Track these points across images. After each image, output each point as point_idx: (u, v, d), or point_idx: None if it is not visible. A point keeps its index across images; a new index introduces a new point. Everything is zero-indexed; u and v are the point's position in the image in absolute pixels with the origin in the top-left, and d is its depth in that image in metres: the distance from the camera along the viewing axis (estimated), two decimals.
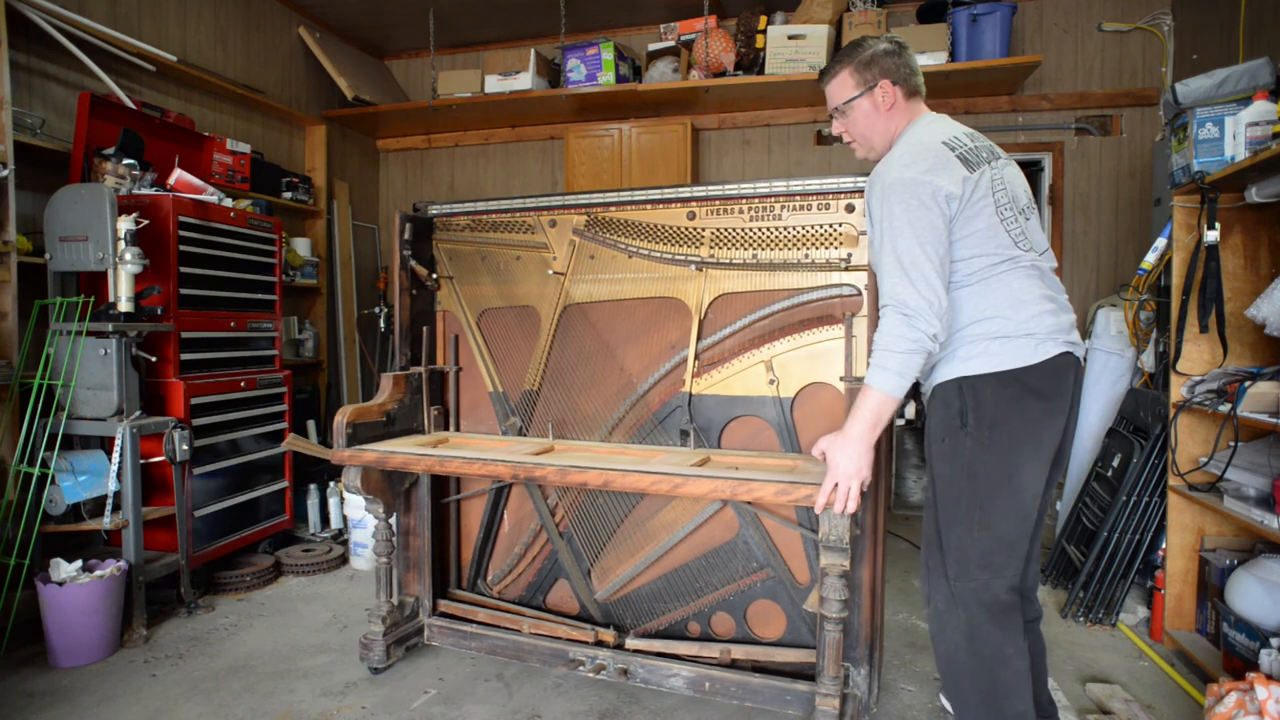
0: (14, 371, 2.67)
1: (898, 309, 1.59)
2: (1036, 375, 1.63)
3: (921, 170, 1.62)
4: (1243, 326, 2.46)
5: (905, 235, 1.59)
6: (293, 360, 4.32)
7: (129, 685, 2.31)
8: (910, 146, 1.69)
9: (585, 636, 2.33)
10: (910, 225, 1.60)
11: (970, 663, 1.65)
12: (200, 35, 3.95)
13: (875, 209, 1.68)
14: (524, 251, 2.52)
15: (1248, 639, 2.18)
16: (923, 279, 1.57)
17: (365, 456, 2.20)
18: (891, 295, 1.61)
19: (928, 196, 1.60)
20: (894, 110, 1.78)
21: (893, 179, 1.64)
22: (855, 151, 1.89)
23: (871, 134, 1.81)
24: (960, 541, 1.65)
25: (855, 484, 1.66)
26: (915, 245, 1.59)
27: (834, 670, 1.89)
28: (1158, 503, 2.73)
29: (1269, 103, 2.32)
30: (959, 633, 1.65)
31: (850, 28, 4.09)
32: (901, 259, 1.59)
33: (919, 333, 1.57)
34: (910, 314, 1.57)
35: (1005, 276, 1.65)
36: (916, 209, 1.60)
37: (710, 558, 2.32)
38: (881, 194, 1.65)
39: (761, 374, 2.24)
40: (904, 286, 1.58)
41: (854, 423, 1.64)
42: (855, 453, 1.64)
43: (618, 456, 2.17)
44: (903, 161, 1.66)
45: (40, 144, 2.94)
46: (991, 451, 1.63)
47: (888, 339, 1.59)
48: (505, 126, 5.21)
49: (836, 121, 1.86)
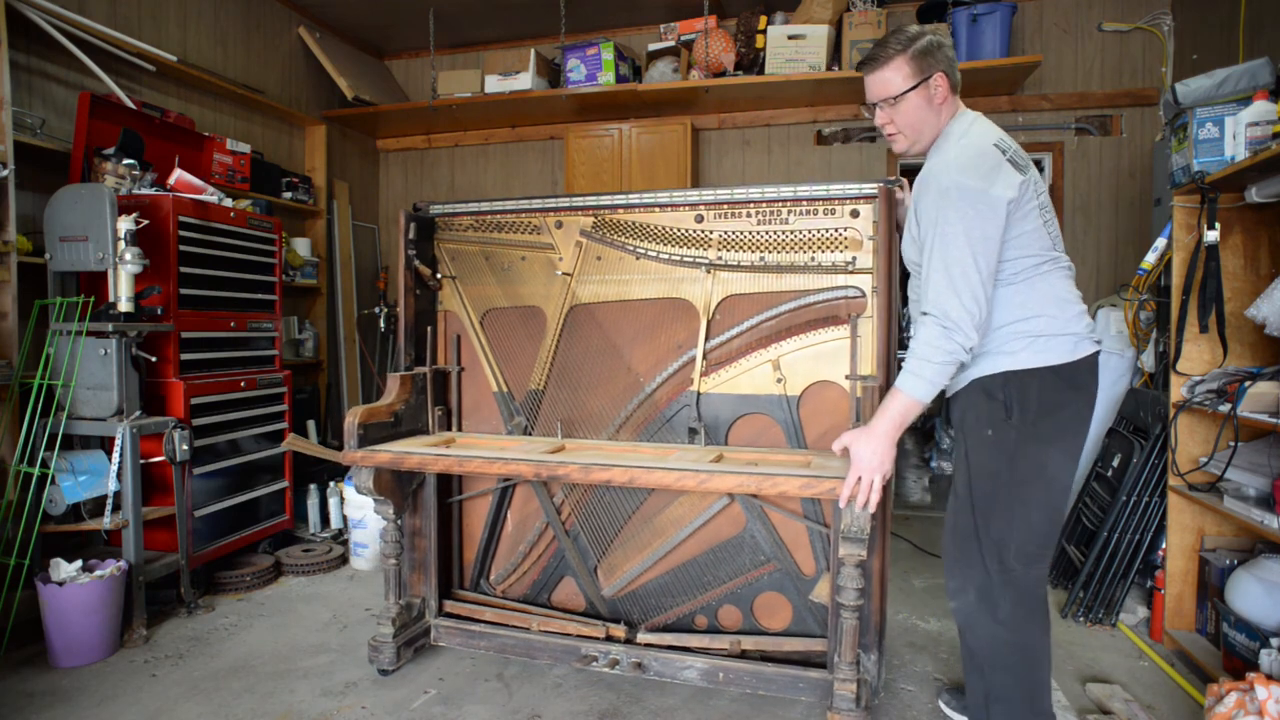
0: (14, 371, 2.67)
1: (939, 320, 1.61)
2: (1075, 372, 1.68)
3: (980, 177, 1.61)
4: (1243, 326, 2.47)
5: (958, 244, 1.59)
6: (293, 360, 4.31)
7: (129, 685, 2.31)
8: (965, 149, 1.67)
9: (596, 632, 2.34)
10: (966, 234, 1.59)
11: (1011, 655, 1.69)
12: (200, 35, 3.94)
13: (929, 211, 1.66)
14: (529, 252, 2.52)
15: (1248, 639, 2.19)
16: (969, 291, 1.59)
17: (379, 457, 2.20)
18: (935, 304, 1.61)
19: (986, 206, 1.60)
20: (945, 104, 1.75)
21: (949, 183, 1.62)
22: (894, 144, 1.83)
23: (921, 127, 1.76)
24: (1001, 533, 1.68)
25: (878, 477, 1.69)
26: (968, 255, 1.59)
27: (850, 656, 1.94)
28: (1158, 503, 2.73)
29: (1269, 103, 2.32)
30: (1001, 625, 1.69)
31: (850, 28, 4.10)
32: (950, 268, 1.60)
33: (955, 345, 1.60)
34: (950, 326, 1.59)
35: (1048, 276, 1.69)
36: (974, 219, 1.60)
37: (717, 552, 2.34)
38: (938, 198, 1.63)
39: (769, 373, 2.27)
40: (949, 296, 1.60)
41: (880, 420, 1.68)
42: (879, 448, 1.67)
43: (633, 454, 2.18)
44: (960, 166, 1.63)
45: (40, 144, 2.93)
46: (1035, 444, 1.67)
47: (926, 348, 1.62)
48: (505, 126, 5.21)
49: (881, 113, 1.79)
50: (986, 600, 1.71)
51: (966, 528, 1.75)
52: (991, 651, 1.73)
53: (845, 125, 4.67)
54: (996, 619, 1.70)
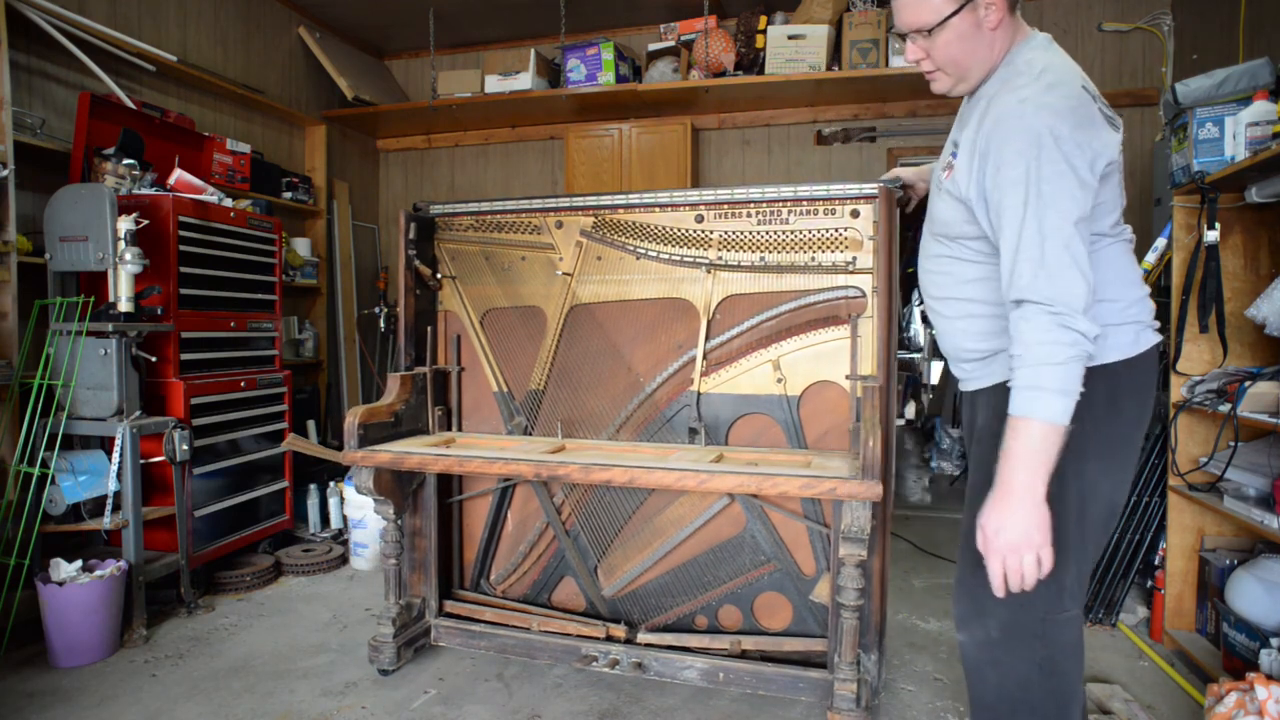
0: (14, 371, 2.67)
1: (1046, 305, 1.23)
2: (1134, 370, 1.39)
3: (1080, 125, 1.27)
4: (1243, 326, 2.47)
5: (1061, 208, 1.25)
6: (293, 360, 4.31)
7: (129, 685, 2.31)
8: (1055, 86, 1.30)
9: (596, 632, 2.35)
10: (1069, 195, 1.25)
11: (1044, 701, 1.42)
12: (200, 35, 3.94)
13: (1014, 160, 1.28)
14: (529, 252, 2.52)
15: (1248, 639, 2.19)
16: (1075, 267, 1.23)
17: (379, 457, 2.20)
18: (1034, 286, 1.24)
19: (1085, 165, 1.26)
20: (999, 29, 1.38)
21: (1043, 128, 1.26)
22: (934, 83, 1.48)
23: (969, 61, 1.40)
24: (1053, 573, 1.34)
25: (1030, 558, 1.25)
26: (1071, 222, 1.24)
27: (850, 655, 1.94)
28: (1158, 503, 2.74)
29: (1269, 103, 2.32)
30: (1032, 667, 1.41)
31: (850, 28, 4.10)
32: (1049, 238, 1.24)
33: (1076, 335, 1.22)
34: (1063, 312, 1.23)
35: (1110, 250, 1.38)
36: (1073, 178, 1.25)
37: (717, 552, 2.34)
38: (1030, 145, 1.26)
39: (769, 373, 2.27)
40: (1055, 274, 1.23)
41: (1014, 471, 1.25)
42: (1022, 514, 1.24)
43: (633, 454, 2.19)
44: (1055, 108, 1.27)
45: (40, 144, 2.93)
46: (1089, 461, 1.37)
47: (1040, 349, 1.23)
48: (505, 126, 5.20)
49: (913, 45, 1.43)
50: (1020, 641, 1.41)
51: None
52: (1020, 696, 1.43)
53: (845, 125, 4.67)
54: (1033, 660, 1.41)
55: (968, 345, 1.52)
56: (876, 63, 4.06)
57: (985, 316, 1.47)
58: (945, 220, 1.48)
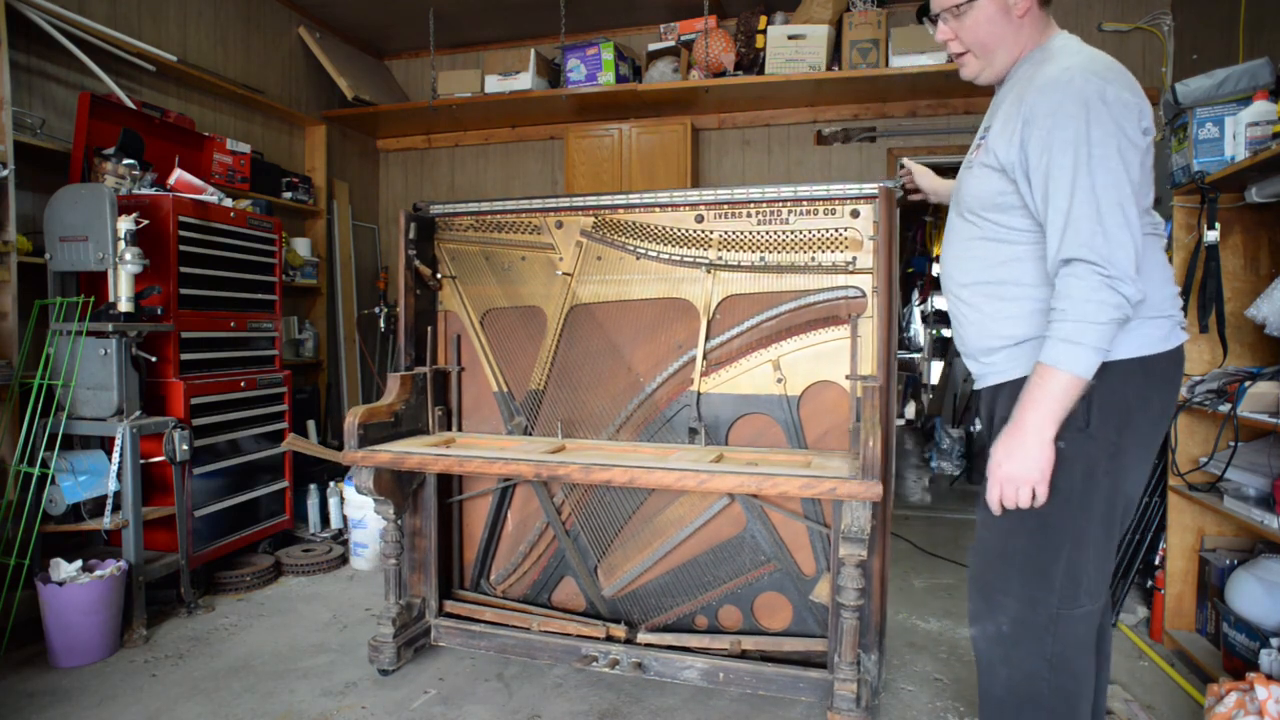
0: (14, 371, 2.67)
1: (1097, 267, 1.24)
2: (1164, 365, 1.38)
3: (1125, 86, 1.29)
4: (1243, 326, 2.47)
5: (1114, 169, 1.25)
6: (293, 360, 4.31)
7: (129, 685, 2.31)
8: (1096, 58, 1.34)
9: (596, 632, 2.35)
10: (1120, 156, 1.25)
11: (1051, 697, 1.42)
12: (200, 35, 3.94)
13: (1066, 123, 1.28)
14: (529, 252, 2.52)
15: (1248, 639, 2.19)
16: (1128, 230, 1.24)
17: (379, 457, 2.20)
18: (1089, 244, 1.24)
19: (1134, 125, 1.27)
20: (1027, 18, 1.41)
21: (1093, 92, 1.27)
22: (962, 69, 1.50)
23: (995, 44, 1.43)
24: (1072, 565, 1.38)
25: (1025, 490, 1.32)
26: (1126, 185, 1.25)
27: (850, 655, 1.94)
28: (1158, 503, 2.73)
29: (1269, 103, 2.32)
30: (1042, 663, 1.41)
31: (850, 28, 4.10)
32: (1102, 197, 1.24)
33: (1121, 299, 1.24)
34: (1115, 275, 1.23)
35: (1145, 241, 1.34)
36: (1124, 139, 1.26)
37: (718, 552, 2.34)
38: (1081, 108, 1.27)
39: (769, 373, 2.27)
40: (1110, 234, 1.24)
41: (1029, 410, 1.30)
42: (1029, 448, 1.30)
43: (633, 454, 2.19)
44: (1100, 74, 1.29)
45: (40, 144, 2.93)
46: (1114, 458, 1.37)
47: (1086, 306, 1.24)
48: (505, 126, 5.20)
49: (944, 26, 1.46)
50: (1031, 635, 1.41)
51: (1014, 553, 1.43)
52: (1028, 691, 1.43)
53: (845, 125, 4.67)
54: (1042, 655, 1.41)
55: (1001, 331, 1.46)
56: (876, 63, 4.06)
57: (1019, 300, 1.42)
58: (977, 194, 1.45)
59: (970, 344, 1.54)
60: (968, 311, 1.52)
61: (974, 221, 1.47)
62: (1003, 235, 1.43)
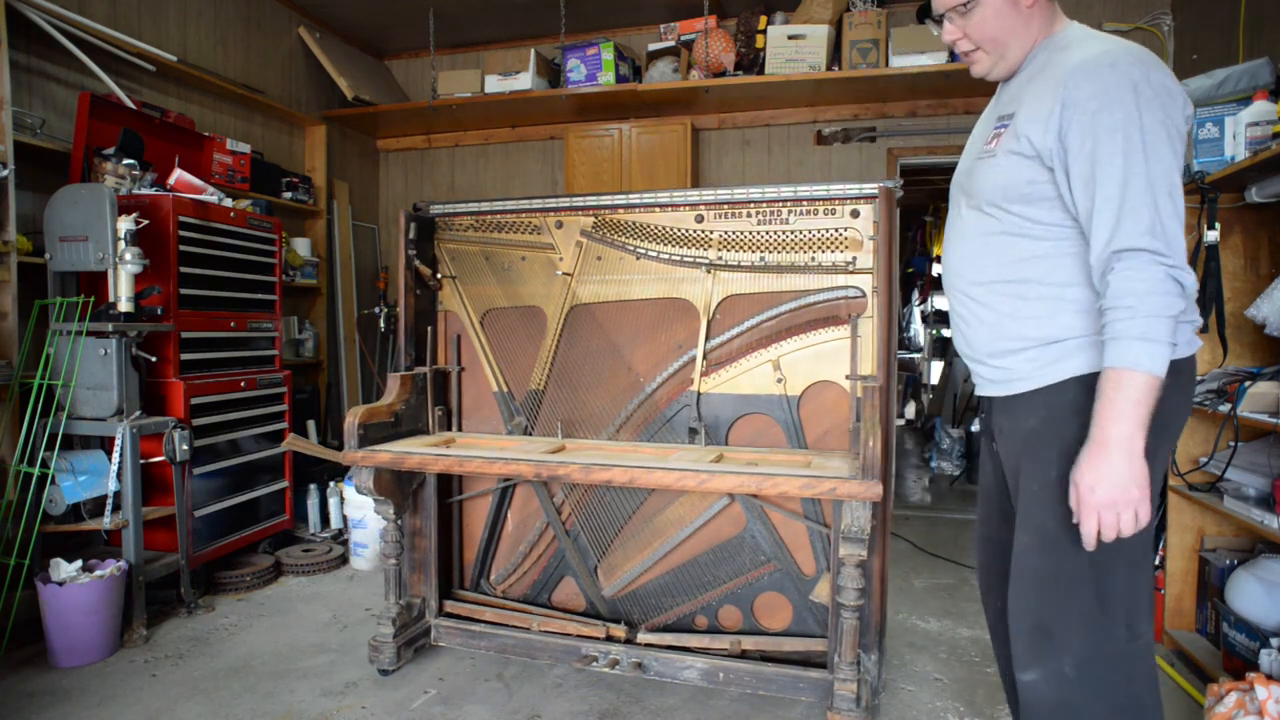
0: (14, 371, 2.67)
1: (1159, 257, 1.15)
2: (1189, 371, 1.31)
3: (1167, 74, 1.23)
4: (1243, 326, 2.47)
5: (1164, 157, 1.18)
6: (293, 360, 4.31)
7: (129, 685, 2.31)
8: (1130, 44, 1.27)
9: (596, 632, 2.35)
10: (1170, 146, 1.19)
11: None
12: (200, 35, 3.94)
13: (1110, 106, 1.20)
14: (529, 252, 2.52)
15: (1248, 639, 2.19)
16: (1178, 218, 1.18)
17: (379, 457, 2.20)
18: (1149, 233, 1.16)
19: (1181, 117, 1.22)
20: (1036, 8, 1.35)
21: (1139, 77, 1.20)
22: (973, 66, 1.43)
23: (1007, 37, 1.36)
24: (1129, 588, 1.27)
25: (1129, 514, 1.18)
26: (1176, 175, 1.19)
27: (850, 656, 1.94)
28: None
29: (1269, 103, 2.32)
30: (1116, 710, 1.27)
31: (850, 28, 4.10)
32: (1157, 184, 1.17)
33: (1180, 289, 1.17)
34: (1175, 265, 1.16)
35: None
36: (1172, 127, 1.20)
37: (718, 552, 2.35)
38: (1129, 91, 1.19)
39: (769, 373, 2.27)
40: (1162, 225, 1.16)
41: (1113, 423, 1.17)
42: (1121, 466, 1.16)
43: (633, 454, 2.19)
44: (1142, 59, 1.23)
45: (40, 144, 2.93)
46: (1157, 469, 1.26)
47: (1155, 299, 1.15)
48: (505, 126, 5.20)
49: (950, 25, 1.40)
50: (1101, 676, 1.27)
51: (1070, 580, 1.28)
52: None
53: (845, 125, 4.67)
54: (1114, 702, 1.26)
55: (1020, 333, 1.35)
56: (876, 63, 4.06)
57: (1044, 299, 1.33)
58: (1002, 184, 1.34)
59: (979, 346, 1.44)
60: (980, 312, 1.41)
61: (993, 215, 1.37)
62: (1026, 230, 1.33)
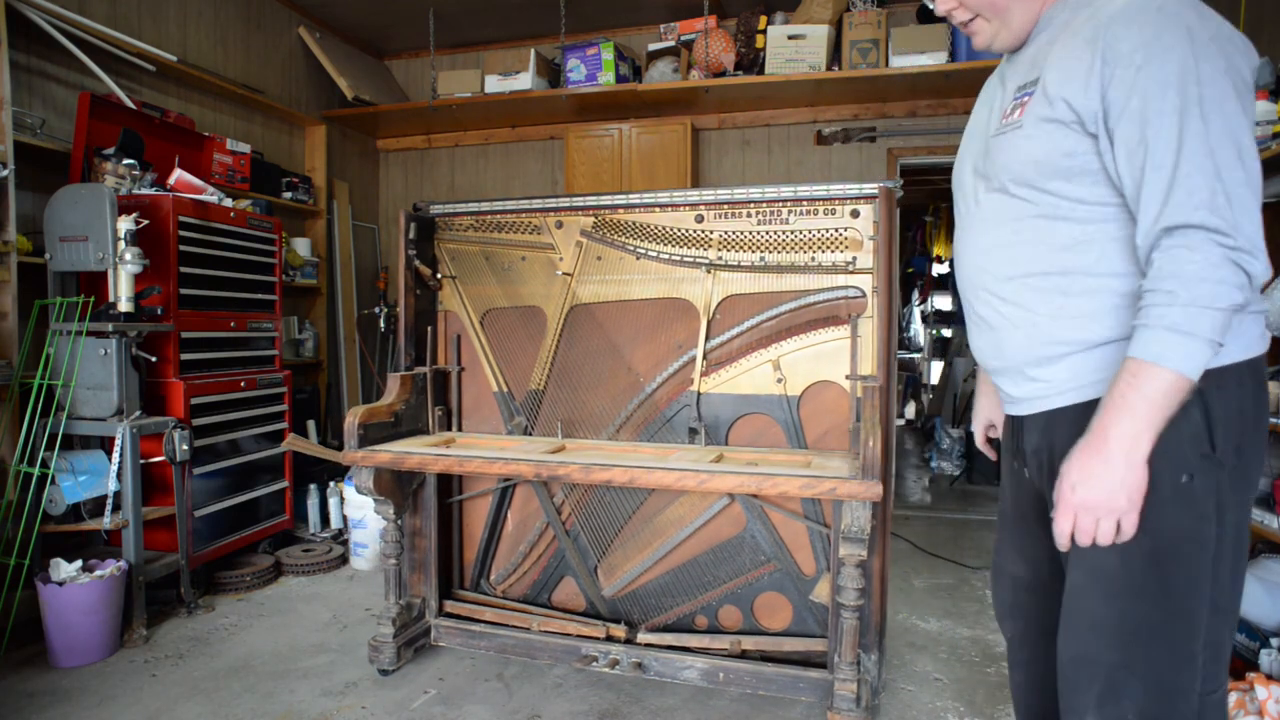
0: (14, 371, 2.67)
1: (1219, 236, 0.96)
2: (1263, 369, 1.10)
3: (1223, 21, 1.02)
4: None
5: (1230, 113, 0.98)
6: (293, 360, 4.31)
7: (129, 685, 2.31)
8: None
9: (596, 632, 2.35)
10: (1236, 98, 0.98)
11: None
12: (200, 35, 3.94)
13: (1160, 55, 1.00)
14: (529, 252, 2.52)
15: (1247, 639, 2.19)
16: (1250, 187, 0.97)
17: (379, 457, 2.20)
18: (1207, 206, 0.96)
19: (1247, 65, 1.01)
20: None
21: (1193, 19, 1.00)
22: (974, 38, 1.25)
23: (1007, 5, 1.17)
24: (1211, 637, 1.09)
25: (1109, 523, 1.02)
26: (1246, 134, 0.98)
27: (851, 655, 1.94)
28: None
29: (1269, 103, 2.32)
30: None
31: (850, 28, 4.10)
32: (1218, 150, 0.97)
33: (1245, 278, 0.96)
34: (1239, 246, 0.95)
35: None
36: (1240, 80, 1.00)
37: (718, 552, 2.35)
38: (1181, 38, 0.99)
39: (769, 373, 2.27)
40: (1225, 197, 0.96)
41: (1117, 419, 1.00)
42: (1115, 468, 1.00)
43: (633, 454, 2.19)
44: (1197, 4, 1.02)
45: (40, 144, 2.93)
46: (1240, 489, 1.08)
47: (1202, 286, 0.95)
48: (505, 126, 5.20)
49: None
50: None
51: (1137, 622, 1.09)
52: None
53: (845, 125, 4.67)
54: None
55: (1065, 336, 1.14)
56: (876, 63, 4.06)
57: (1093, 293, 1.12)
58: (1035, 158, 1.12)
59: (1014, 355, 1.21)
60: (1012, 313, 1.19)
61: (1024, 196, 1.15)
62: (1067, 211, 1.12)
